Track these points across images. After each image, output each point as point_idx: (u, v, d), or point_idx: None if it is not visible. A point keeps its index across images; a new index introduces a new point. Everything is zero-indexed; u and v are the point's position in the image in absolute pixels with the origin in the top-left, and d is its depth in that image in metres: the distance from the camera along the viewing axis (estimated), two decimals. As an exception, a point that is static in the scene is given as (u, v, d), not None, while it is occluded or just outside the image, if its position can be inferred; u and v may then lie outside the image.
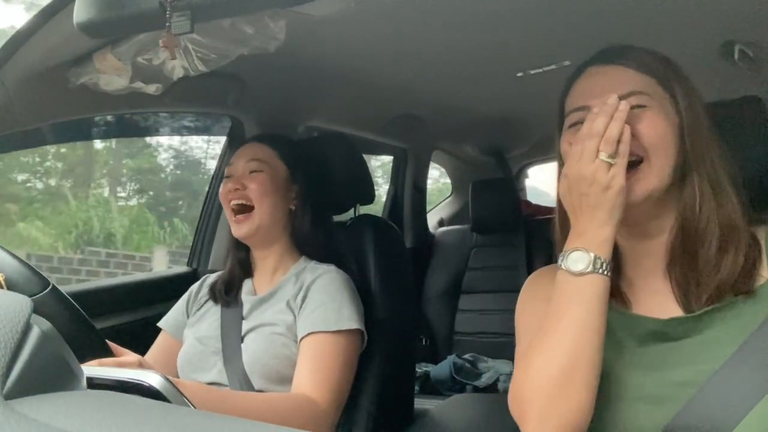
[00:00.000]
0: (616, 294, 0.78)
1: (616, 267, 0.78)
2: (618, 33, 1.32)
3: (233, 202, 1.22)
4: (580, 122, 0.76)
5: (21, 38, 1.02)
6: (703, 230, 0.73)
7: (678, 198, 0.76)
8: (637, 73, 0.76)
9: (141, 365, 0.80)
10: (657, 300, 0.76)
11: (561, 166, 0.80)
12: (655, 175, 0.73)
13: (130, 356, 0.82)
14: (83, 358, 0.76)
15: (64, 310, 0.77)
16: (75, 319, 0.78)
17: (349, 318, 1.13)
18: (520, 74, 1.60)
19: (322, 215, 1.33)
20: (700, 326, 0.72)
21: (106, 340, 0.83)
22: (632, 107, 0.73)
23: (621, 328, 0.76)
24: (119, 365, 0.78)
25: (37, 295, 0.76)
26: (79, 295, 1.29)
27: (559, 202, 0.80)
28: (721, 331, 0.71)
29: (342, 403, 1.11)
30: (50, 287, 0.78)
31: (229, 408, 0.91)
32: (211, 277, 1.34)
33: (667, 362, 0.72)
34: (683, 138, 0.74)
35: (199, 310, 1.29)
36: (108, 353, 0.81)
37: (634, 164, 0.73)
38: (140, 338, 1.26)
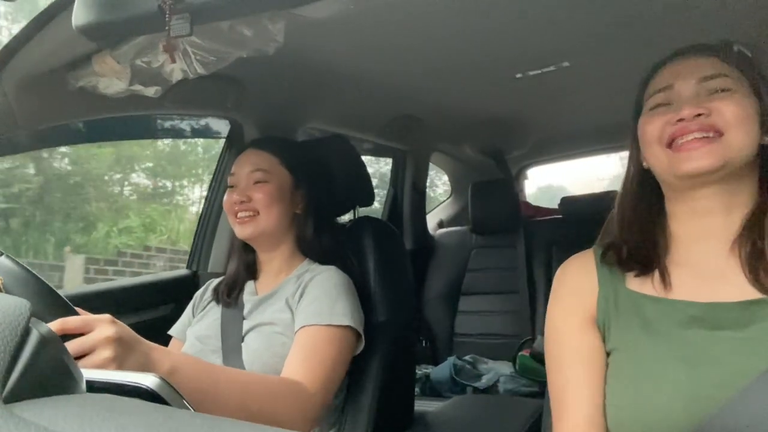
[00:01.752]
0: (656, 278, 0.77)
1: (664, 249, 0.79)
2: (617, 34, 1.32)
3: (240, 214, 1.22)
4: (663, 104, 0.78)
5: (20, 41, 1.02)
6: None
7: (753, 183, 0.76)
8: (721, 62, 0.78)
9: (113, 321, 0.75)
10: (709, 286, 0.74)
11: (635, 150, 0.83)
12: (737, 147, 0.73)
13: (102, 316, 0.78)
14: (46, 319, 0.73)
15: (17, 275, 0.76)
16: (31, 283, 0.76)
17: (342, 314, 1.13)
18: (519, 75, 1.60)
19: (326, 218, 1.33)
20: (747, 318, 0.69)
21: (72, 306, 0.80)
22: (717, 90, 0.75)
23: (659, 315, 0.75)
24: (85, 323, 0.73)
25: None
26: (77, 298, 1.30)
27: (624, 191, 0.84)
28: None
29: (330, 393, 1.10)
30: (2, 255, 0.78)
31: (219, 380, 0.89)
32: (215, 281, 1.35)
33: (708, 354, 0.69)
34: (764, 126, 0.75)
35: (202, 311, 1.30)
36: (69, 310, 0.78)
37: (715, 137, 0.74)
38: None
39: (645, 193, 0.83)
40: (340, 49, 1.38)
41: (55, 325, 0.70)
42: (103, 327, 0.74)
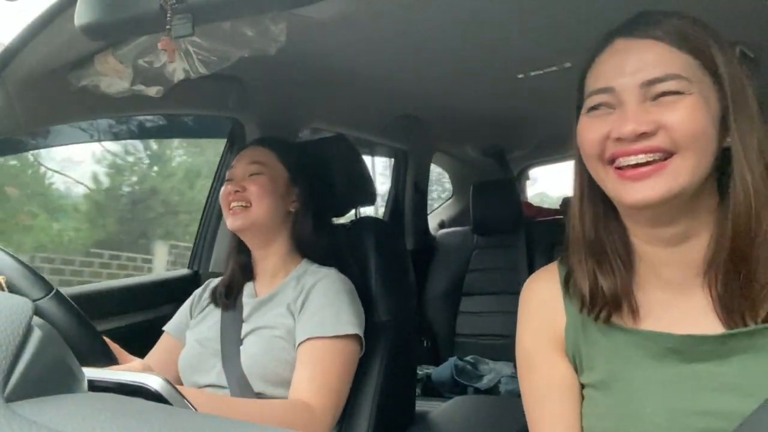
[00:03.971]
0: (632, 309, 0.69)
1: (634, 272, 0.70)
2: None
3: (233, 204, 1.23)
4: (603, 105, 0.66)
5: (22, 41, 1.02)
6: (755, 230, 0.62)
7: (713, 195, 0.66)
8: (673, 50, 0.64)
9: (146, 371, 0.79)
10: (685, 317, 0.66)
11: (579, 158, 0.72)
12: (687, 172, 0.62)
13: (135, 363, 0.81)
14: (87, 364, 0.74)
15: (67, 314, 0.76)
16: (78, 323, 0.76)
17: (347, 322, 1.13)
18: (521, 76, 1.60)
19: (323, 218, 1.33)
20: (725, 351, 0.63)
21: (110, 345, 0.82)
22: (665, 93, 0.63)
23: (632, 348, 0.68)
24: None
25: (40, 300, 0.76)
26: (79, 297, 1.30)
27: (579, 198, 0.73)
28: (755, 362, 0.62)
29: (339, 408, 1.11)
30: (54, 291, 0.77)
31: (230, 413, 0.92)
32: (214, 281, 1.35)
33: (687, 392, 0.64)
34: (725, 125, 0.63)
35: (201, 312, 1.30)
36: (111, 358, 0.80)
37: (662, 158, 0.63)
38: (141, 340, 1.26)
39: (601, 202, 0.71)
40: (342, 50, 1.38)
41: None
42: None
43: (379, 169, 2.58)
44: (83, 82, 1.11)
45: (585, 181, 0.72)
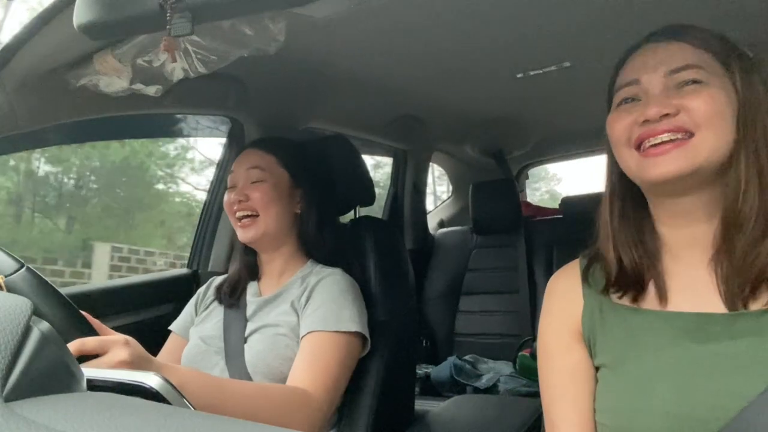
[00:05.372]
0: (650, 291, 0.74)
1: (656, 258, 0.75)
2: (617, 34, 1.32)
3: (238, 213, 1.23)
4: (630, 99, 0.73)
5: (21, 40, 1.02)
6: (744, 216, 0.67)
7: (722, 181, 0.71)
8: (694, 49, 0.72)
9: (127, 344, 0.79)
10: (697, 296, 0.71)
11: (609, 152, 0.77)
12: (706, 150, 0.67)
13: (117, 336, 0.81)
14: (66, 337, 0.73)
15: (39, 287, 0.76)
16: (52, 297, 0.76)
17: (349, 319, 1.13)
18: (519, 75, 1.60)
19: (328, 217, 1.33)
20: (734, 331, 0.66)
21: (89, 318, 0.81)
22: (686, 82, 0.70)
23: (645, 328, 0.72)
24: (103, 344, 0.76)
25: (12, 275, 0.75)
26: (78, 297, 1.30)
27: (609, 193, 0.78)
28: (763, 344, 0.64)
29: (336, 400, 1.11)
30: (24, 267, 0.77)
31: (226, 395, 0.91)
32: (218, 279, 1.35)
33: (697, 371, 0.66)
34: (739, 118, 0.69)
35: (205, 310, 1.30)
36: (90, 331, 0.80)
37: (684, 138, 0.69)
38: (141, 339, 1.25)
39: (629, 196, 0.77)
40: (341, 49, 1.38)
41: (73, 347, 0.73)
42: (117, 349, 0.77)
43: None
44: (82, 81, 1.11)
45: (615, 177, 0.78)
